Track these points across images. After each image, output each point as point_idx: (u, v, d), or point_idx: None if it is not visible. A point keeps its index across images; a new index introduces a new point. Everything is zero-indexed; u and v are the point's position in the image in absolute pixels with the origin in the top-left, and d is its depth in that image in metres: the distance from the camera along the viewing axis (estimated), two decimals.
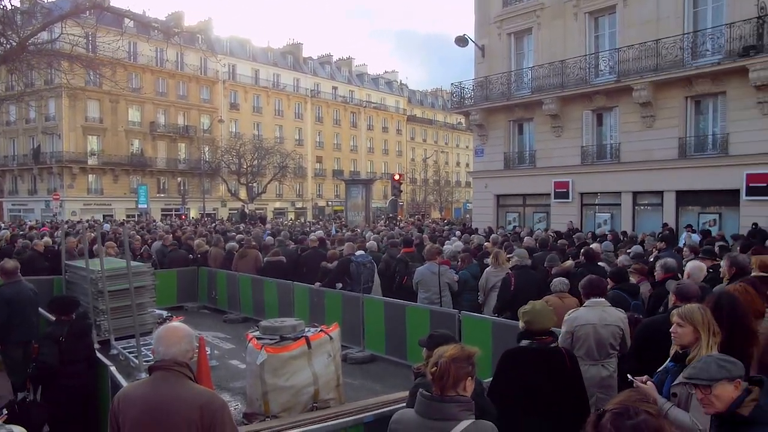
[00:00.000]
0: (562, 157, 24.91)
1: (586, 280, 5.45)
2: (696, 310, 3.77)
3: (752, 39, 19.11)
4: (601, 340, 5.08)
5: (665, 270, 6.49)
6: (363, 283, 10.39)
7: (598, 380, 4.94)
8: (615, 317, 5.19)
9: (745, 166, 19.80)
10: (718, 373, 2.92)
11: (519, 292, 7.94)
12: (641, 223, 22.55)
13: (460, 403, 2.99)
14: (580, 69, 23.70)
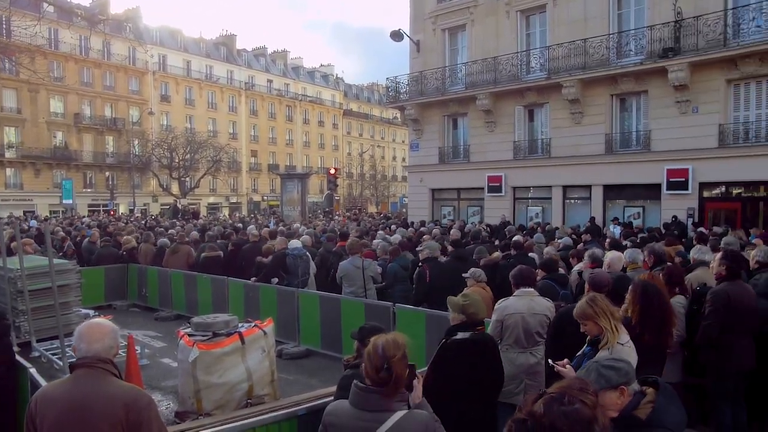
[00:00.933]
0: (496, 151, 25.46)
1: (516, 271, 5.60)
2: (585, 306, 3.94)
3: (671, 41, 20.05)
4: (529, 329, 5.24)
5: (592, 260, 6.77)
6: (300, 275, 10.33)
7: (527, 367, 5.12)
8: (543, 306, 5.38)
9: (666, 161, 20.81)
10: (597, 382, 2.85)
11: (434, 283, 8.24)
12: (571, 216, 23.34)
13: (400, 394, 3.03)
14: (512, 66, 24.26)
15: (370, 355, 3.04)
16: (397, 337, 3.13)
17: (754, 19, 18.99)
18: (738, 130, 19.76)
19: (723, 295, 5.46)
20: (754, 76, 19.25)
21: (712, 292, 5.59)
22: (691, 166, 20.35)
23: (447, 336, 4.46)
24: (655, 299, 4.74)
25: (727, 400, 5.61)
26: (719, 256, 5.84)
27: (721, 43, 19.22)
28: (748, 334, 5.55)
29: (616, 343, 3.83)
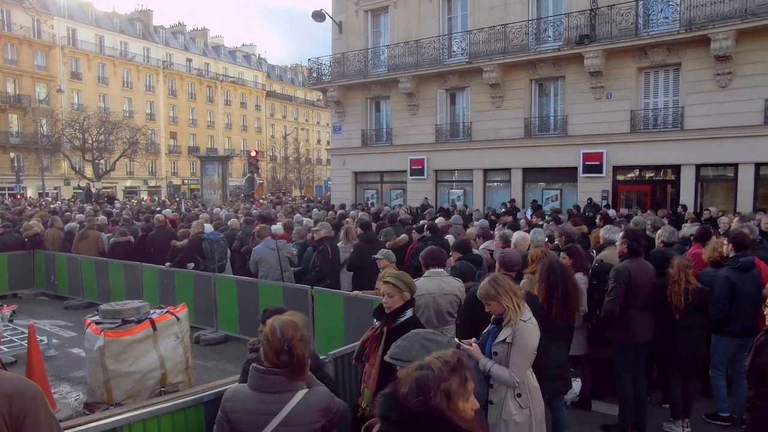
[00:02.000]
0: (418, 134, 25.63)
1: (426, 251, 5.64)
2: (488, 287, 4.02)
3: (587, 29, 20.71)
4: (440, 309, 5.29)
5: (503, 240, 6.92)
6: (217, 260, 10.05)
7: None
8: (453, 287, 5.44)
9: (582, 145, 21.58)
10: (420, 353, 2.81)
11: (336, 262, 8.51)
12: (492, 198, 23.88)
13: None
14: (434, 49, 24.41)
15: (268, 338, 2.98)
16: (293, 318, 3.08)
17: (662, 11, 19.88)
18: (648, 116, 20.71)
19: (625, 271, 5.72)
20: (662, 65, 20.20)
21: (614, 269, 5.85)
22: (605, 150, 21.20)
23: (389, 319, 4.09)
24: (560, 277, 4.99)
25: (629, 372, 5.87)
26: (621, 235, 6.14)
27: (633, 33, 20.03)
28: (648, 309, 5.85)
29: (518, 321, 3.91)
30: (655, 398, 6.64)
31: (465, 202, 23.84)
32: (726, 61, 18.57)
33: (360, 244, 8.76)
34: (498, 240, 7.20)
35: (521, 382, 3.91)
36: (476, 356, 4.03)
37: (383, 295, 4.20)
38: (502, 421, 3.91)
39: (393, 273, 4.35)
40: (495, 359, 3.96)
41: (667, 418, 6.10)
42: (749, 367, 4.15)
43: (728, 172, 19.66)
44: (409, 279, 4.28)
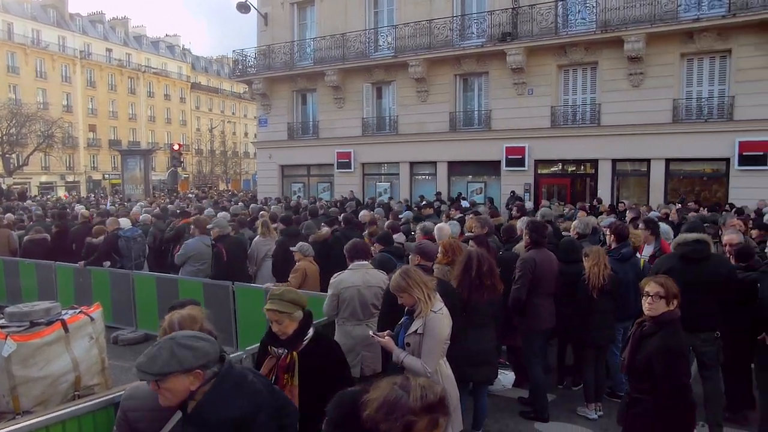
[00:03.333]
0: (345, 128, 25.61)
1: (350, 244, 5.64)
2: (399, 279, 4.08)
3: (509, 27, 21.24)
4: (365, 301, 5.32)
5: (424, 232, 7.05)
6: (134, 258, 9.73)
7: (363, 339, 5.17)
8: (378, 279, 5.47)
9: (505, 139, 22.14)
10: (167, 366, 2.51)
11: (231, 261, 8.33)
12: (418, 191, 24.12)
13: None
14: (361, 43, 24.42)
15: (166, 333, 2.91)
16: (193, 312, 3.01)
17: (580, 12, 20.63)
18: (567, 112, 21.48)
19: (530, 261, 6.03)
20: (581, 63, 20.98)
21: (520, 260, 6.15)
22: (528, 145, 21.84)
23: (292, 345, 3.65)
24: (475, 263, 5.15)
25: (538, 357, 6.20)
26: (524, 228, 6.44)
27: (553, 32, 20.70)
28: (551, 297, 6.19)
29: (429, 312, 3.98)
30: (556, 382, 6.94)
31: (392, 196, 24.01)
32: (638, 61, 19.48)
33: (283, 239, 8.69)
34: (419, 232, 7.31)
35: (434, 372, 3.97)
36: (390, 348, 4.10)
37: (271, 322, 3.68)
38: None
39: (274, 293, 3.75)
40: (408, 350, 4.02)
41: (581, 403, 6.39)
42: (628, 361, 4.15)
43: (641, 167, 20.66)
44: (295, 295, 3.79)
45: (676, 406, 3.86)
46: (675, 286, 4.05)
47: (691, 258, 5.58)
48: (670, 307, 3.97)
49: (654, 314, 3.99)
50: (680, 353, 3.90)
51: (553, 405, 6.55)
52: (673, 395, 3.84)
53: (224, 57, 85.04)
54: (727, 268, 5.69)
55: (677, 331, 3.99)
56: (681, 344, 3.96)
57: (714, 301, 5.47)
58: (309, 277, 7.30)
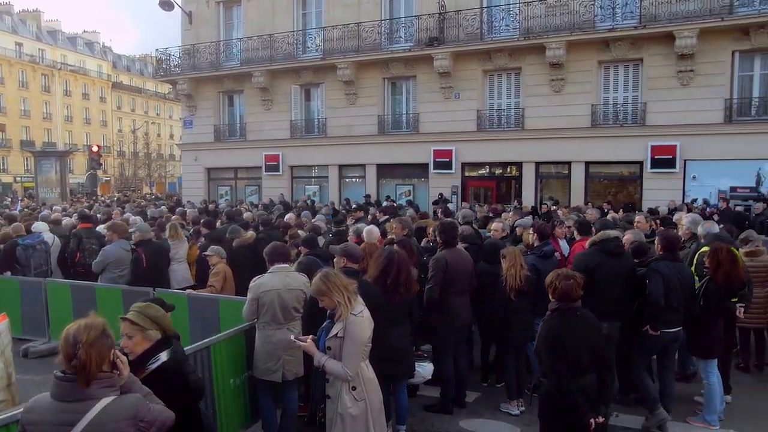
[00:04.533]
0: (273, 130, 25.27)
1: (270, 248, 5.54)
2: (319, 283, 4.06)
3: (436, 31, 21.53)
4: (286, 305, 5.22)
5: (356, 234, 7.06)
6: (35, 267, 9.20)
7: (285, 343, 5.09)
8: (298, 282, 5.39)
9: (432, 143, 22.43)
10: None
11: (152, 266, 8.15)
12: (347, 194, 24.05)
13: (100, 380, 2.79)
14: (289, 44, 24.17)
15: (61, 344, 2.79)
16: (89, 321, 2.85)
17: (504, 18, 21.15)
18: (493, 116, 21.96)
19: (442, 260, 6.22)
20: (505, 68, 21.52)
21: (433, 259, 6.32)
22: (455, 148, 22.19)
23: (134, 367, 3.24)
24: (399, 264, 5.23)
25: (450, 353, 6.37)
26: (437, 229, 6.63)
27: (478, 37, 21.12)
28: (465, 294, 6.39)
29: (349, 315, 3.96)
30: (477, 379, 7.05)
31: (321, 198, 23.86)
32: (559, 68, 20.16)
33: (206, 244, 8.45)
34: (352, 234, 7.36)
35: (355, 375, 3.95)
36: (311, 352, 4.07)
37: (123, 335, 3.41)
38: (338, 415, 3.94)
39: (136, 306, 3.52)
40: (329, 354, 3.99)
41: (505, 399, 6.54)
42: (536, 347, 4.50)
43: (563, 170, 21.38)
44: (158, 312, 3.53)
45: (558, 390, 4.08)
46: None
47: (613, 253, 6.01)
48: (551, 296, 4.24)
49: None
50: (548, 338, 4.12)
51: (477, 402, 6.71)
52: (550, 379, 4.11)
53: (147, 56, 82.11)
54: (631, 262, 6.19)
55: (555, 317, 4.22)
56: (557, 330, 4.13)
57: (623, 293, 5.98)
58: (228, 280, 7.14)
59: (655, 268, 5.87)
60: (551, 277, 4.30)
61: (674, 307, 5.80)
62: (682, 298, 5.84)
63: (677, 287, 5.80)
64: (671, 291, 5.76)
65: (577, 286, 4.20)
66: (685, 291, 5.88)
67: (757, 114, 18.54)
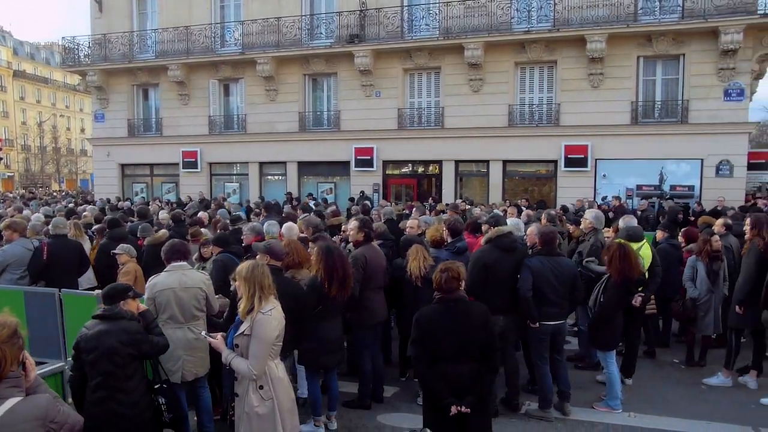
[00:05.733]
0: (190, 126, 24.54)
1: (167, 246, 5.39)
2: (244, 267, 4.02)
3: (357, 29, 21.52)
4: (184, 304, 5.07)
5: (254, 233, 7.02)
6: None
7: (185, 343, 4.98)
8: (196, 280, 5.24)
9: (354, 140, 22.42)
10: None
11: (53, 261, 7.80)
12: (268, 192, 23.71)
13: (8, 380, 2.75)
14: (206, 37, 23.53)
15: None
16: (2, 319, 2.75)
17: (424, 18, 21.39)
18: (413, 114, 22.18)
19: (361, 257, 6.24)
20: (425, 68, 21.78)
21: (352, 256, 6.30)
22: (376, 146, 22.28)
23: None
24: (336, 259, 5.47)
25: (367, 349, 6.42)
26: (357, 225, 6.61)
27: (399, 36, 21.26)
28: (381, 290, 6.48)
29: (258, 313, 3.89)
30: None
31: (241, 196, 23.38)
32: (477, 68, 20.60)
33: (106, 243, 8.08)
34: (249, 233, 7.32)
35: (261, 374, 3.89)
36: (219, 349, 4.01)
37: None
38: (245, 414, 3.90)
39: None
40: (237, 351, 3.94)
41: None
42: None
43: (482, 168, 21.86)
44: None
45: (419, 376, 4.36)
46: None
47: (507, 248, 6.17)
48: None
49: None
50: (416, 325, 4.27)
51: (395, 397, 6.78)
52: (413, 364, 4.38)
53: (54, 44, 77.69)
54: (525, 256, 6.35)
55: (430, 307, 4.40)
56: (424, 320, 4.28)
57: (514, 286, 6.14)
58: (139, 280, 6.84)
59: (526, 262, 6.08)
60: (436, 271, 4.42)
61: (552, 300, 5.99)
62: (562, 292, 6.02)
63: (552, 281, 5.97)
64: (546, 285, 5.95)
65: (451, 278, 4.29)
66: (564, 284, 6.03)
67: (660, 116, 19.64)
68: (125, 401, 3.91)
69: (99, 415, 3.82)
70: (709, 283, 7.52)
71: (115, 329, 3.94)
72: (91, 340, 3.88)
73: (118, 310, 4.07)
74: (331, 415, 5.89)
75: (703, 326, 7.61)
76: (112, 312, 4.05)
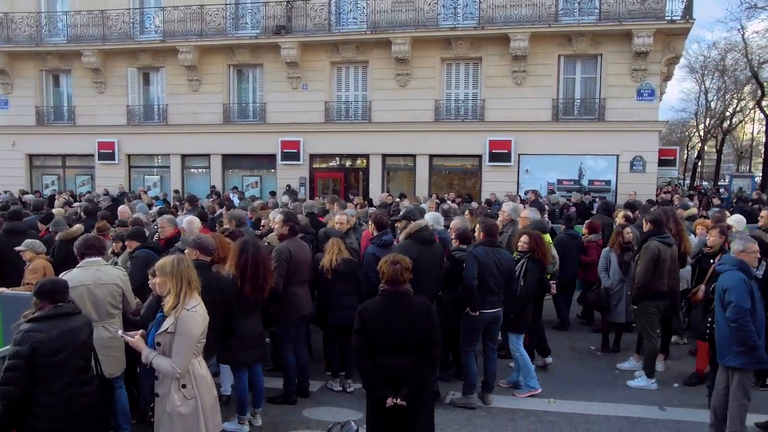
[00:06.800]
0: (107, 115, 23.37)
1: (81, 240, 5.17)
2: (168, 262, 3.87)
3: (283, 20, 21.16)
4: (98, 301, 4.85)
5: (172, 226, 6.88)
6: None
7: (99, 342, 4.71)
8: (112, 276, 5.03)
9: (280, 133, 22.05)
10: None
11: None
12: (191, 185, 23.00)
13: None
14: (124, 23, 22.47)
15: None
16: None
17: (351, 11, 21.29)
18: (341, 108, 22.05)
19: (285, 251, 6.21)
20: (353, 61, 21.67)
21: (276, 250, 6.26)
22: (303, 139, 22.01)
23: None
24: (251, 256, 5.40)
25: (292, 344, 6.38)
26: (282, 219, 6.56)
27: (326, 28, 21.06)
28: (306, 284, 6.48)
29: (182, 309, 3.75)
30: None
31: (163, 189, 22.51)
32: (404, 63, 20.69)
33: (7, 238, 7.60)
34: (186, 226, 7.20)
35: (184, 372, 3.75)
36: (139, 348, 3.84)
37: None
38: (167, 414, 3.74)
39: None
40: (159, 350, 3.78)
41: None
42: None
43: (409, 162, 22.00)
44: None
45: (358, 367, 4.47)
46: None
47: (426, 241, 6.34)
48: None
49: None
50: (358, 318, 4.25)
51: (320, 391, 6.76)
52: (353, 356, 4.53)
53: None
54: (443, 249, 6.59)
55: (373, 300, 4.37)
56: (366, 313, 4.24)
57: (437, 278, 6.37)
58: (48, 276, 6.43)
59: (472, 252, 6.23)
60: (381, 263, 4.38)
61: (492, 288, 6.17)
62: (501, 281, 6.23)
63: (494, 271, 6.16)
64: (488, 274, 6.12)
65: (405, 269, 4.28)
66: (504, 274, 6.25)
67: (579, 114, 20.37)
68: (92, 392, 4.03)
69: (68, 414, 3.84)
70: (621, 273, 7.96)
71: (79, 324, 4.01)
72: (57, 341, 3.80)
73: (75, 305, 4.10)
74: (255, 411, 5.80)
75: (616, 314, 8.01)
76: (75, 309, 4.08)
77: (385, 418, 4.11)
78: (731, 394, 5.18)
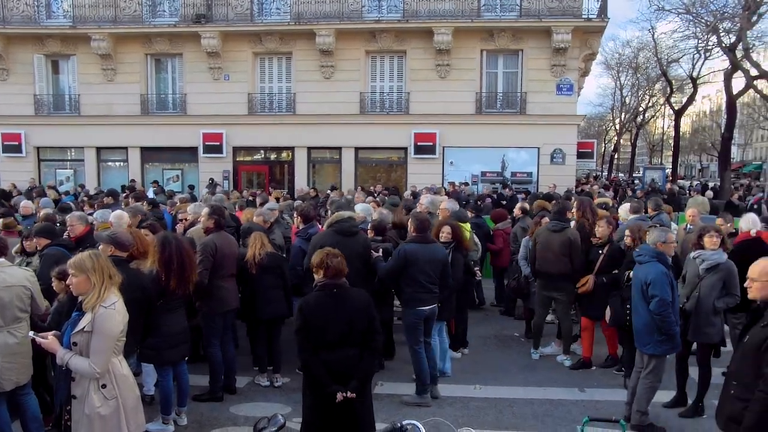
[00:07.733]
0: (11, 105, 21.92)
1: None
2: (86, 257, 3.69)
3: (203, 8, 20.56)
4: (4, 304, 4.50)
5: (83, 223, 6.70)
6: None
7: (4, 348, 4.43)
8: (19, 277, 4.69)
9: (201, 125, 21.45)
10: None
11: None
12: (108, 179, 22.02)
13: None
14: (28, 5, 21.15)
15: None
16: None
17: (274, 1, 20.94)
18: (264, 99, 21.68)
19: (211, 245, 6.12)
20: (276, 52, 21.36)
21: (201, 244, 6.16)
22: (225, 131, 21.51)
23: None
24: (174, 250, 5.26)
25: (216, 338, 6.26)
26: (207, 212, 6.48)
27: (249, 18, 20.63)
28: (233, 278, 6.37)
29: (99, 307, 3.57)
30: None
31: (76, 183, 21.40)
32: (329, 55, 20.56)
33: None
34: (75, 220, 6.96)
35: (104, 371, 3.58)
36: (53, 349, 3.62)
37: None
38: (85, 416, 3.56)
39: None
40: (75, 350, 3.58)
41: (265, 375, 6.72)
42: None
43: (334, 155, 21.91)
44: None
45: (303, 364, 4.33)
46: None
47: (347, 233, 6.27)
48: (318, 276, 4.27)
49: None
50: (299, 313, 4.15)
51: (248, 387, 6.64)
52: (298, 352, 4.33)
53: None
54: (365, 240, 6.55)
55: (313, 294, 4.27)
56: (308, 307, 4.16)
57: (362, 270, 6.20)
58: None
59: (403, 246, 6.17)
60: (320, 257, 4.26)
61: (424, 285, 6.05)
62: (434, 277, 6.12)
63: (425, 267, 6.04)
64: (419, 272, 6.01)
65: (342, 263, 4.25)
66: (436, 270, 6.13)
67: (501, 107, 20.90)
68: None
69: None
70: None
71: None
72: None
73: None
74: (180, 410, 5.62)
75: (534, 301, 8.21)
76: None
77: (330, 414, 4.05)
78: (644, 376, 5.46)
